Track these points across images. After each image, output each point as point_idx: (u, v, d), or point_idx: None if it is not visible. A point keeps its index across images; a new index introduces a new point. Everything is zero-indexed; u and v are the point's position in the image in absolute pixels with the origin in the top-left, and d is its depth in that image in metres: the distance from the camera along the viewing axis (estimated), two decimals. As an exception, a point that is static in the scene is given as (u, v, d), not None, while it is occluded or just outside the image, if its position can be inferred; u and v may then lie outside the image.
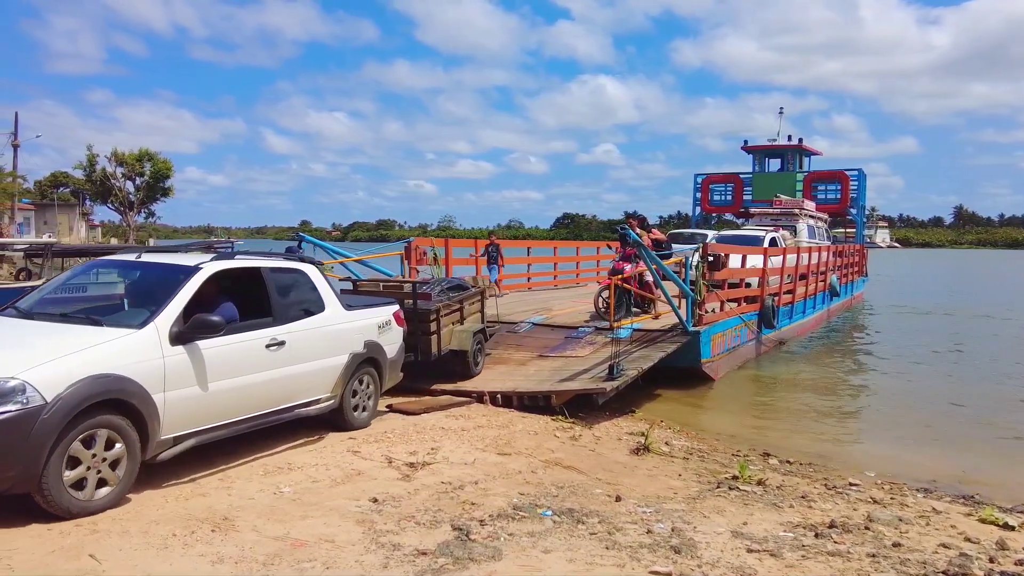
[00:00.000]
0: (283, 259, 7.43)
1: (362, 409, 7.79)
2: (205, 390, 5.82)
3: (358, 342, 7.57)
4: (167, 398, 5.49)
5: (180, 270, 6.22)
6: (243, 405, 6.26)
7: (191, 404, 5.72)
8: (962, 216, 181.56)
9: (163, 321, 5.66)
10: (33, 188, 66.48)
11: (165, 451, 5.57)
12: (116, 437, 5.13)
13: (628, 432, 8.67)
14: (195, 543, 4.62)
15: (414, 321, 9.36)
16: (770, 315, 15.06)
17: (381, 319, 8.05)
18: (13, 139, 45.57)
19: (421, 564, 4.45)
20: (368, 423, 7.83)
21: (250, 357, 6.29)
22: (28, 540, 4.57)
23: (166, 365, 5.52)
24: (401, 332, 8.44)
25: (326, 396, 7.23)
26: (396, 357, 8.31)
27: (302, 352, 6.81)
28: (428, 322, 9.67)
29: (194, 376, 5.74)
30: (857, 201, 30.71)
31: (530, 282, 20.81)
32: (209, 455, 6.28)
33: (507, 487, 6.17)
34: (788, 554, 4.93)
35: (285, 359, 6.60)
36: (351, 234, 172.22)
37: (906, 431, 10.25)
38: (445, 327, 9.92)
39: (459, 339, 10.10)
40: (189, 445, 5.74)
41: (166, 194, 61.37)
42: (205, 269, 6.21)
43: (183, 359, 5.67)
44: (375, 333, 7.87)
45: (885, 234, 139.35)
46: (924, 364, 15.98)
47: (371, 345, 7.75)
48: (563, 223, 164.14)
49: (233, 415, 6.16)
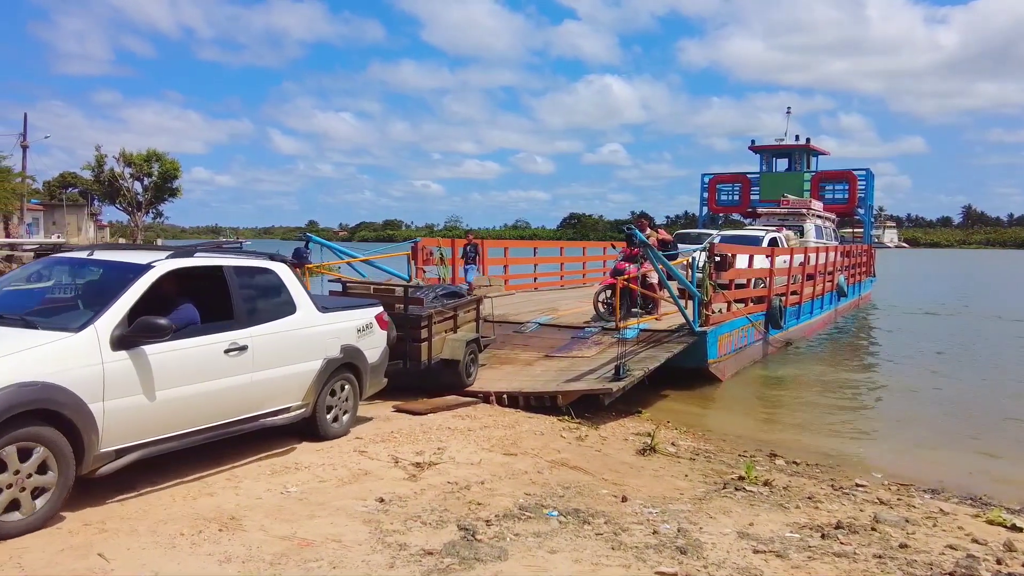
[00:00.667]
0: (250, 257, 6.88)
1: (339, 418, 7.35)
2: (152, 399, 5.37)
3: (334, 346, 7.12)
4: (107, 408, 5.05)
5: (129, 268, 5.74)
6: (198, 415, 5.80)
7: (136, 414, 5.28)
8: (971, 216, 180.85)
9: (104, 324, 5.19)
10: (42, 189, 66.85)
11: (105, 465, 5.14)
12: (44, 451, 4.71)
13: (634, 432, 8.67)
14: (203, 542, 4.65)
15: (404, 327, 9.08)
16: (777, 315, 15.03)
17: (361, 322, 7.59)
18: (22, 140, 45.89)
19: (427, 564, 4.47)
20: (346, 432, 7.41)
21: (206, 363, 5.83)
22: (37, 539, 4.61)
23: (106, 372, 5.06)
24: (385, 336, 8.03)
25: (297, 404, 6.79)
26: (378, 362, 7.88)
27: (268, 357, 6.36)
28: (419, 328, 9.30)
29: (139, 384, 5.30)
30: (865, 201, 30.58)
31: (536, 282, 20.83)
32: (217, 454, 6.31)
33: (513, 487, 6.18)
34: (794, 555, 4.93)
35: (247, 365, 6.14)
36: (358, 234, 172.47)
37: (913, 432, 10.21)
38: (437, 335, 9.56)
39: (451, 348, 9.71)
40: (134, 458, 5.31)
41: (174, 194, 61.65)
42: (157, 268, 5.74)
43: (126, 365, 5.22)
44: (353, 337, 7.42)
45: (893, 234, 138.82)
46: (932, 365, 15.91)
47: (349, 350, 7.31)
48: (569, 223, 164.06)
49: (186, 426, 5.71)
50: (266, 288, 6.70)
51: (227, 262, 6.40)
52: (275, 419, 6.57)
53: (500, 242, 22.82)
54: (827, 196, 29.36)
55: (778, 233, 19.71)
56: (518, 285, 19.63)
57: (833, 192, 30.00)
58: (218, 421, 6.00)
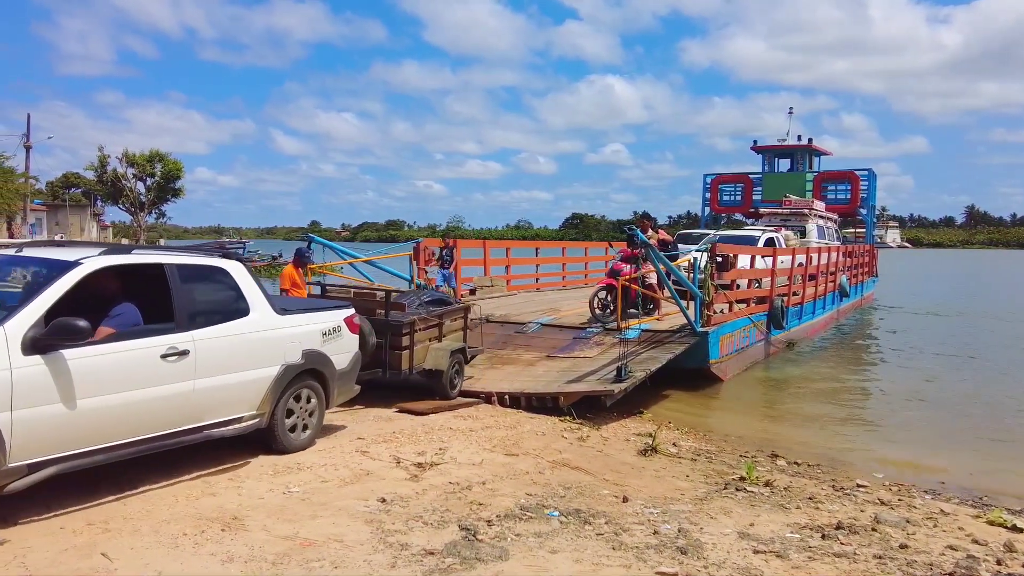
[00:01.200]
0: (198, 255, 6.37)
1: (302, 428, 6.84)
2: (72, 408, 4.91)
3: (294, 351, 6.61)
4: (16, 418, 4.62)
5: (53, 265, 5.30)
6: (129, 426, 5.33)
7: (52, 425, 4.84)
8: (974, 216, 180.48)
9: (15, 326, 4.73)
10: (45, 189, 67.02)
11: (16, 481, 4.68)
12: None
13: (636, 433, 8.68)
14: (205, 542, 4.68)
15: (384, 334, 8.76)
16: (779, 316, 15.03)
17: (326, 325, 7.06)
18: (25, 140, 45.99)
19: (428, 564, 4.49)
20: (310, 443, 6.92)
21: (139, 369, 5.37)
22: (41, 538, 4.64)
23: (15, 378, 4.63)
24: (355, 340, 7.53)
25: (249, 414, 6.28)
26: (348, 368, 7.35)
27: (214, 363, 5.88)
28: (400, 336, 8.89)
29: (56, 391, 4.84)
30: (867, 201, 30.55)
31: (538, 283, 20.85)
32: (219, 453, 6.33)
33: (514, 487, 6.20)
34: (794, 555, 4.95)
35: (188, 371, 5.67)
36: (360, 234, 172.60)
37: (915, 433, 10.22)
38: (420, 343, 9.19)
39: (435, 357, 9.29)
40: (50, 473, 4.86)
41: (176, 194, 61.88)
42: (85, 265, 5.26)
43: (40, 371, 4.77)
44: (318, 341, 6.90)
45: (896, 234, 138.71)
46: (934, 366, 15.91)
47: (312, 355, 6.78)
48: (572, 223, 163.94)
49: (114, 437, 5.24)
50: (215, 288, 6.21)
51: (170, 260, 5.91)
52: (223, 430, 6.07)
53: (502, 242, 22.86)
54: (829, 196, 29.35)
55: (776, 233, 19.61)
56: (520, 285, 19.65)
57: (835, 192, 29.98)
58: (154, 432, 5.52)
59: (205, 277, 6.19)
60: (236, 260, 6.48)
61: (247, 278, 6.44)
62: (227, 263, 6.36)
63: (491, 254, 18.78)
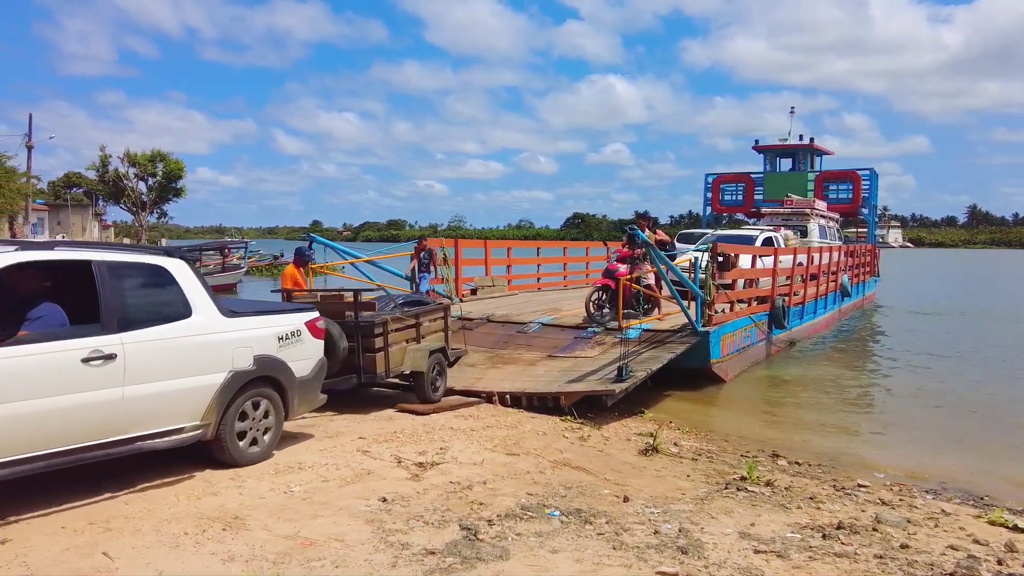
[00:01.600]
0: (135, 252, 5.99)
1: (254, 440, 6.35)
2: None
3: (244, 357, 6.14)
4: None
5: None
6: (40, 437, 4.89)
7: None
8: (975, 216, 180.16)
9: None
10: (47, 189, 67.11)
11: None
12: None
13: (637, 433, 8.68)
14: (206, 541, 4.68)
15: (356, 336, 8.38)
16: (780, 315, 15.02)
17: (282, 329, 6.57)
18: (27, 140, 46.01)
19: (429, 563, 4.49)
20: (266, 456, 6.44)
21: (54, 375, 4.95)
22: (43, 537, 4.64)
23: None
24: (319, 345, 7.05)
25: (191, 425, 5.83)
26: (310, 376, 6.86)
27: (147, 369, 5.46)
28: (372, 337, 8.48)
29: None
30: (869, 201, 30.53)
31: (539, 282, 20.84)
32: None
33: (515, 487, 6.20)
34: (795, 555, 4.94)
35: (116, 377, 5.23)
36: (362, 234, 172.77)
37: (916, 433, 10.21)
38: (396, 344, 8.80)
39: (413, 359, 8.95)
40: None
41: (178, 194, 61.88)
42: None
43: None
44: (273, 346, 6.43)
45: (897, 234, 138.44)
46: (936, 365, 15.89)
47: (266, 361, 6.32)
48: (573, 223, 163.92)
49: (21, 450, 4.79)
50: (152, 288, 5.77)
51: (99, 256, 5.46)
52: (159, 442, 5.61)
53: (503, 242, 22.82)
54: (831, 196, 29.34)
55: (775, 233, 19.57)
56: (521, 285, 19.63)
57: (837, 192, 29.97)
58: (73, 444, 5.06)
59: (140, 276, 5.75)
60: (179, 258, 6.08)
61: (190, 278, 6.02)
62: (168, 261, 5.96)
63: (492, 254, 18.76)
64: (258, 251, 50.08)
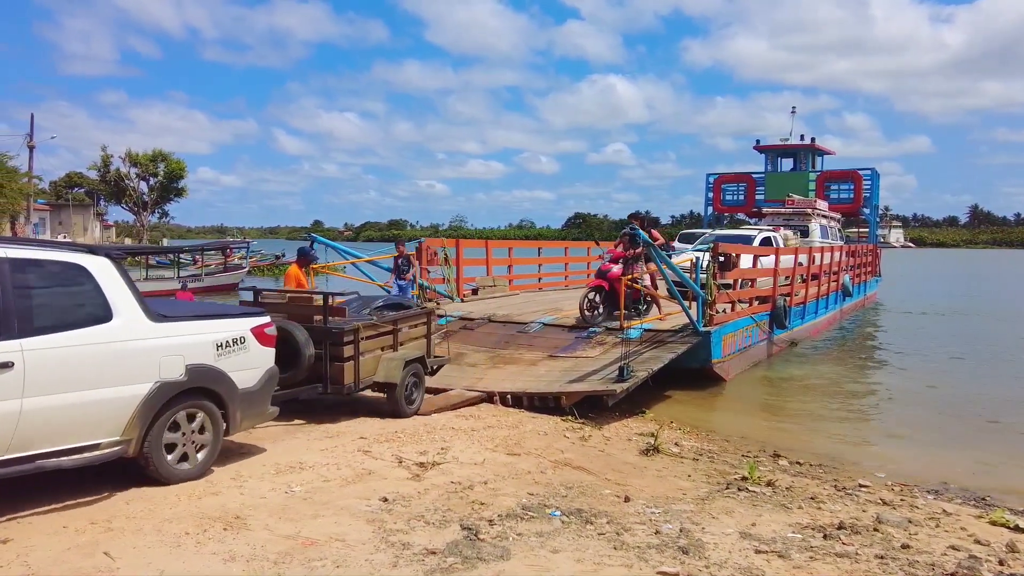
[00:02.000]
0: (45, 248, 5.52)
1: (184, 456, 5.80)
2: None
3: (173, 366, 5.59)
4: None
5: None
6: None
7: None
8: (977, 215, 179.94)
9: None
10: (48, 189, 67.23)
11: None
12: None
13: (638, 433, 8.68)
14: (207, 541, 4.69)
15: (323, 343, 7.83)
16: (782, 315, 15.01)
17: (222, 335, 6.01)
18: (29, 140, 46.10)
19: (430, 563, 4.50)
20: (201, 474, 5.89)
21: None
22: (44, 537, 4.65)
23: None
24: (267, 354, 6.47)
25: (109, 441, 5.31)
26: (256, 387, 6.29)
27: (52, 378, 4.96)
28: (341, 345, 7.90)
29: None
30: (870, 201, 30.54)
31: (540, 282, 20.84)
32: (222, 454, 6.34)
33: (516, 487, 6.20)
34: (796, 555, 4.94)
35: (12, 388, 4.76)
36: (363, 234, 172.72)
37: (918, 432, 10.19)
38: (369, 352, 8.28)
39: (387, 369, 8.38)
40: None
41: (179, 194, 62.08)
42: None
43: None
44: (209, 354, 5.87)
45: (899, 234, 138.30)
46: (937, 366, 15.87)
47: (200, 371, 5.78)
48: (574, 223, 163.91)
49: None
50: (65, 289, 5.28)
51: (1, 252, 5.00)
52: (67, 460, 5.09)
53: (505, 242, 22.84)
54: (832, 196, 29.35)
55: (774, 232, 19.51)
56: (522, 285, 19.63)
57: (838, 192, 29.98)
58: None
59: (51, 275, 5.25)
60: (104, 256, 5.58)
61: (114, 278, 5.48)
62: (88, 259, 5.43)
63: (493, 254, 18.77)
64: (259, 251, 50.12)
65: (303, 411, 8.35)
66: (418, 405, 8.80)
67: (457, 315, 13.39)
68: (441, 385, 9.95)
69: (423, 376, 9.00)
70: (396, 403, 8.48)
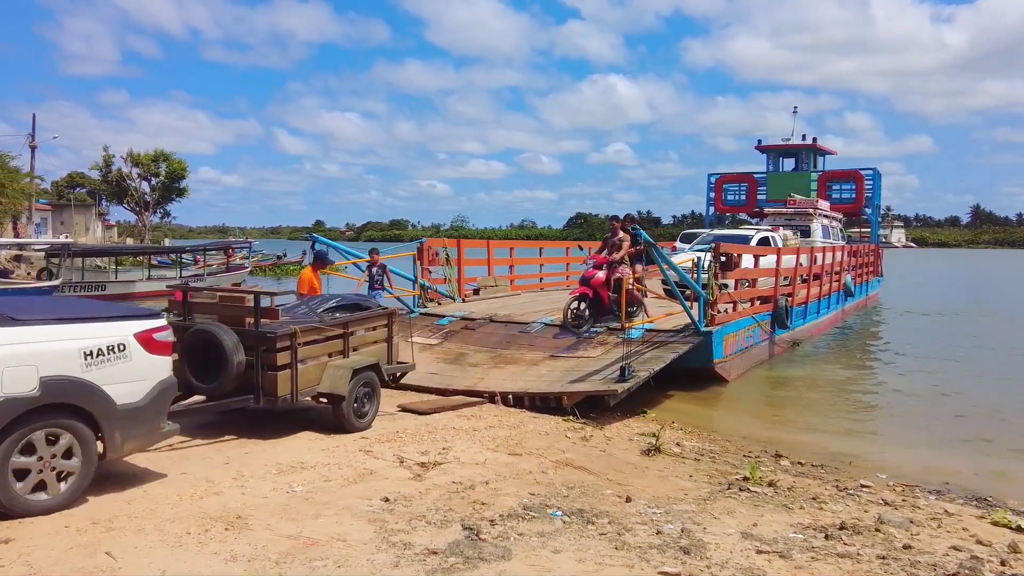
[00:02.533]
0: None
1: (41, 484, 5.00)
2: None
3: (22, 378, 4.81)
4: None
5: None
6: None
7: None
8: (979, 216, 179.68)
9: None
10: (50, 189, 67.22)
11: None
12: None
13: (639, 433, 8.68)
14: (209, 541, 4.69)
15: (254, 349, 6.99)
16: (783, 315, 15.00)
17: (92, 342, 5.18)
18: (31, 140, 46.14)
19: (432, 563, 4.50)
20: (65, 505, 5.10)
21: None
22: (46, 537, 4.65)
23: None
24: (158, 364, 5.60)
25: None
26: (143, 403, 5.45)
27: None
28: (274, 352, 6.98)
29: None
30: (872, 200, 30.51)
31: (542, 282, 20.84)
32: (223, 453, 6.35)
33: (518, 487, 6.20)
34: (797, 555, 4.94)
35: None
36: (364, 234, 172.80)
37: (919, 433, 10.19)
38: (311, 359, 7.42)
39: (332, 378, 7.47)
40: None
41: (181, 194, 62.00)
42: None
43: None
44: (74, 365, 5.05)
45: (900, 234, 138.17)
46: (939, 366, 15.84)
47: (60, 384, 4.97)
48: (576, 223, 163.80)
49: None
50: None
51: None
52: None
53: (506, 242, 22.83)
54: (834, 196, 29.33)
55: (772, 232, 19.45)
56: (524, 285, 19.64)
57: (840, 192, 29.95)
58: None
59: None
60: None
61: None
62: None
63: (495, 254, 18.79)
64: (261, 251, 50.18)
65: (303, 411, 8.35)
66: (371, 418, 7.92)
67: (459, 315, 13.40)
68: (442, 385, 9.97)
69: (378, 386, 8.07)
70: (342, 416, 7.56)
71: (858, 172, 30.31)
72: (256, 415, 7.78)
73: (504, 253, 19.62)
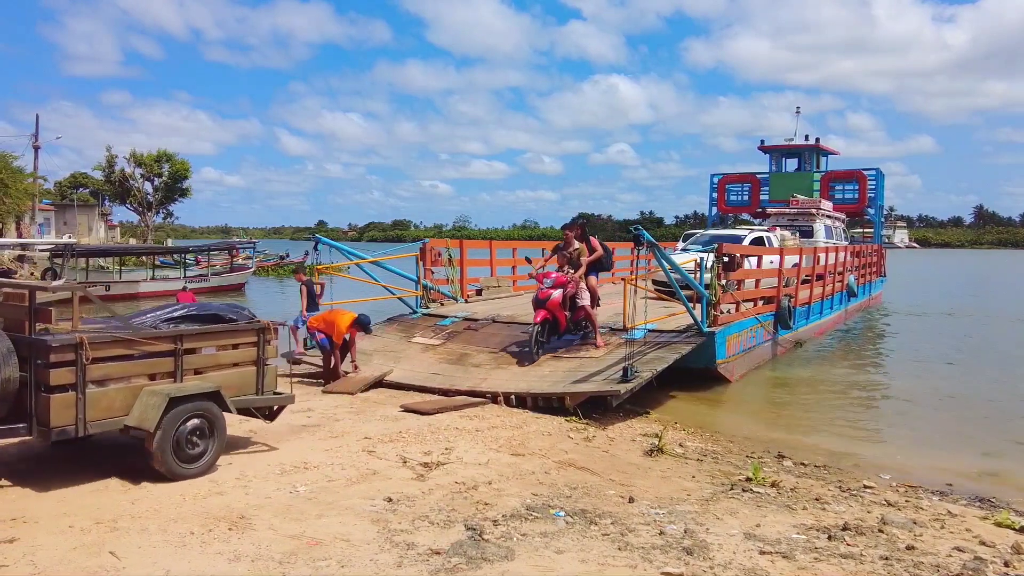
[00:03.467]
0: None
1: None
2: None
3: None
4: None
5: None
6: None
7: None
8: (982, 216, 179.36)
9: None
10: (53, 189, 67.38)
11: None
12: None
13: (642, 433, 8.67)
14: (213, 541, 4.70)
15: (28, 363, 5.43)
16: (786, 316, 14.98)
17: None
18: (34, 140, 46.23)
19: (435, 563, 4.50)
20: None
21: None
22: (50, 537, 4.67)
23: None
24: None
25: None
26: None
27: None
28: (47, 367, 5.36)
29: None
30: (875, 201, 30.45)
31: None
32: (226, 454, 6.35)
33: (520, 487, 6.20)
34: (800, 556, 4.94)
35: None
36: (367, 234, 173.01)
37: (923, 433, 10.18)
38: (114, 381, 5.73)
39: (141, 408, 5.68)
40: None
41: (184, 194, 62.12)
42: None
43: None
44: None
45: (903, 234, 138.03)
46: (942, 367, 15.83)
47: None
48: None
49: None
50: None
51: None
52: None
53: (508, 243, 22.84)
54: (837, 196, 29.29)
55: (767, 232, 19.38)
56: (526, 286, 19.63)
57: (843, 192, 29.91)
58: None
59: None
60: None
61: None
62: None
63: (497, 254, 18.78)
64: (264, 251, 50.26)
65: (304, 412, 8.36)
66: (207, 463, 6.00)
67: (461, 315, 13.40)
68: (445, 386, 9.98)
69: (220, 421, 6.14)
70: (154, 458, 5.71)
71: (861, 172, 30.26)
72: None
73: (507, 253, 19.62)
